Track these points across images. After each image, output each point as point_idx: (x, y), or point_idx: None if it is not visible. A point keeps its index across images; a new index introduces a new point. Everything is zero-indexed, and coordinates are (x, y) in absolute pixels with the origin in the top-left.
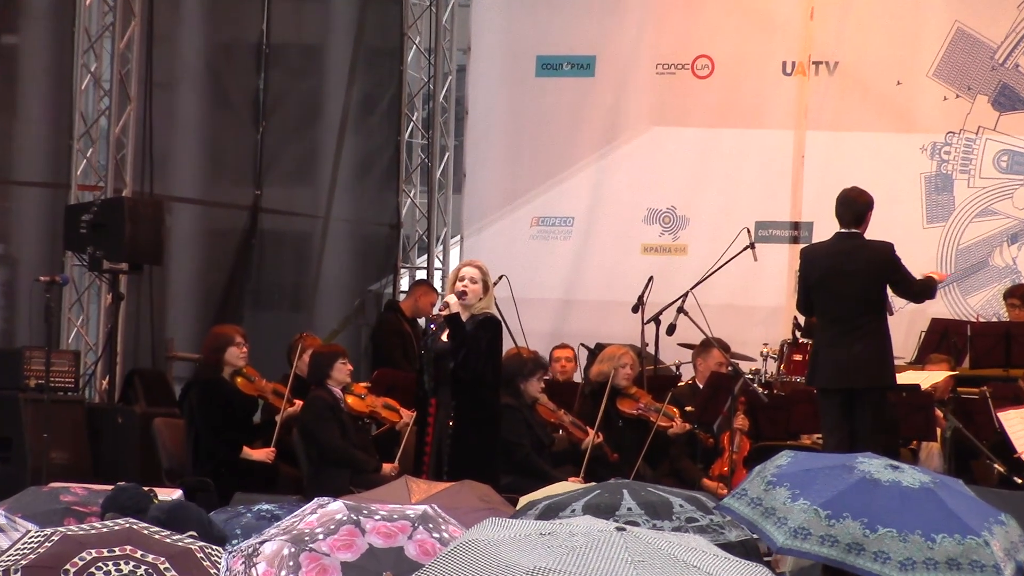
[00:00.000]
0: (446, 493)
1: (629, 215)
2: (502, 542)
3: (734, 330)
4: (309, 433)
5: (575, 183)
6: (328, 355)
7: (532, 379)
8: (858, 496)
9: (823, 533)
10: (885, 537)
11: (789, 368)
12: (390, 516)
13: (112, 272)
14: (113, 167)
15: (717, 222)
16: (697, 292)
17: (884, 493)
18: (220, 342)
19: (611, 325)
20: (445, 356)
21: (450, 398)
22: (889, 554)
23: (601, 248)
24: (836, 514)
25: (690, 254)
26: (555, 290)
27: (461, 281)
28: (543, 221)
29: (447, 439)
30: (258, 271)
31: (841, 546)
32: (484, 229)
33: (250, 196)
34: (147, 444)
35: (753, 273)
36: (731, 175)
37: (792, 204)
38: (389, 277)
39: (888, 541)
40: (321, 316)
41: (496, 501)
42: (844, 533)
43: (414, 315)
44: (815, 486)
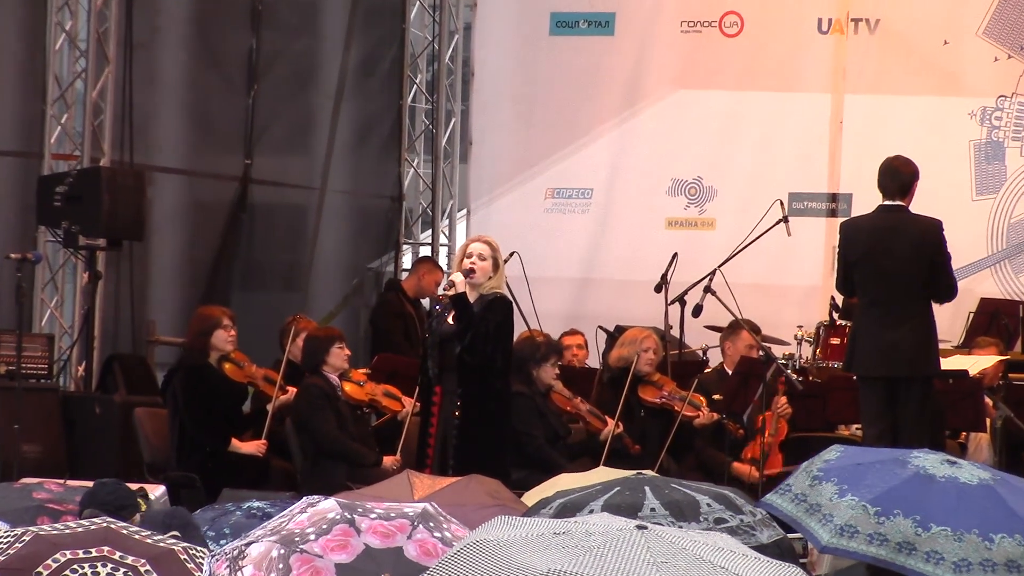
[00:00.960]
0: (451, 489)
1: (652, 186)
2: (513, 542)
3: (766, 311)
4: (303, 423)
5: (593, 152)
6: (324, 339)
7: (546, 365)
8: (911, 492)
9: (871, 531)
10: (939, 536)
11: (826, 353)
12: (387, 515)
13: (89, 249)
14: (90, 134)
15: (747, 194)
16: (726, 270)
17: (939, 489)
18: (206, 325)
19: (632, 306)
20: (451, 340)
21: (456, 386)
22: (943, 554)
23: (621, 222)
24: (886, 511)
25: (718, 229)
26: (571, 268)
27: (469, 258)
28: (558, 193)
29: (453, 430)
30: (248, 248)
31: (891, 545)
32: (494, 202)
33: (239, 166)
34: (127, 436)
35: (787, 249)
36: (762, 143)
37: (829, 174)
38: (390, 254)
39: (942, 540)
40: (316, 296)
41: (506, 497)
42: (894, 531)
43: (417, 295)
44: (865, 481)
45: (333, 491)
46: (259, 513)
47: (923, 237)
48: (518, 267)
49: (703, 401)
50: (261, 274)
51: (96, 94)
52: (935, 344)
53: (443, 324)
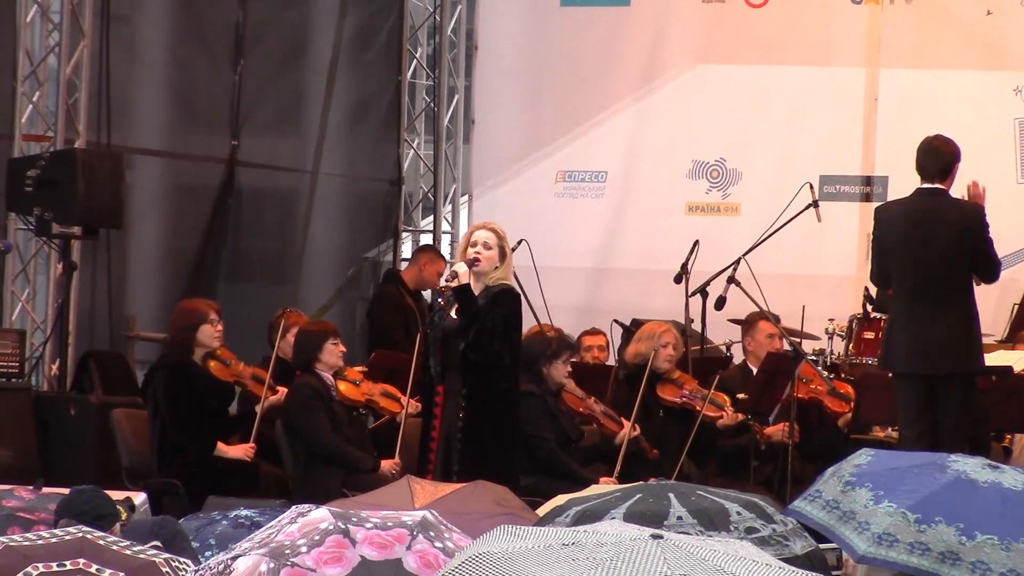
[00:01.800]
0: (455, 496)
1: (671, 169)
2: (518, 554)
3: (795, 303)
4: (294, 426)
5: (607, 132)
6: (317, 334)
7: (557, 362)
8: (953, 498)
9: (912, 540)
10: (984, 545)
11: (859, 348)
12: (384, 524)
13: (63, 237)
14: (64, 114)
15: (774, 177)
16: (751, 259)
17: (982, 495)
18: (190, 319)
19: (650, 298)
20: (454, 336)
21: (460, 385)
22: (990, 565)
23: (638, 208)
24: (927, 518)
25: (743, 214)
26: (584, 257)
27: (473, 247)
28: (570, 176)
29: (457, 433)
30: (235, 236)
31: (933, 555)
32: (500, 186)
33: (226, 147)
34: (105, 439)
35: (817, 236)
36: (791, 121)
37: (863, 155)
38: (389, 242)
39: (988, 550)
40: (309, 288)
41: (514, 505)
42: (937, 540)
43: (418, 287)
44: (903, 487)
45: (327, 498)
46: (247, 522)
47: (964, 223)
48: (526, 256)
49: (727, 400)
50: (249, 264)
51: (70, 70)
52: (977, 338)
53: (446, 318)
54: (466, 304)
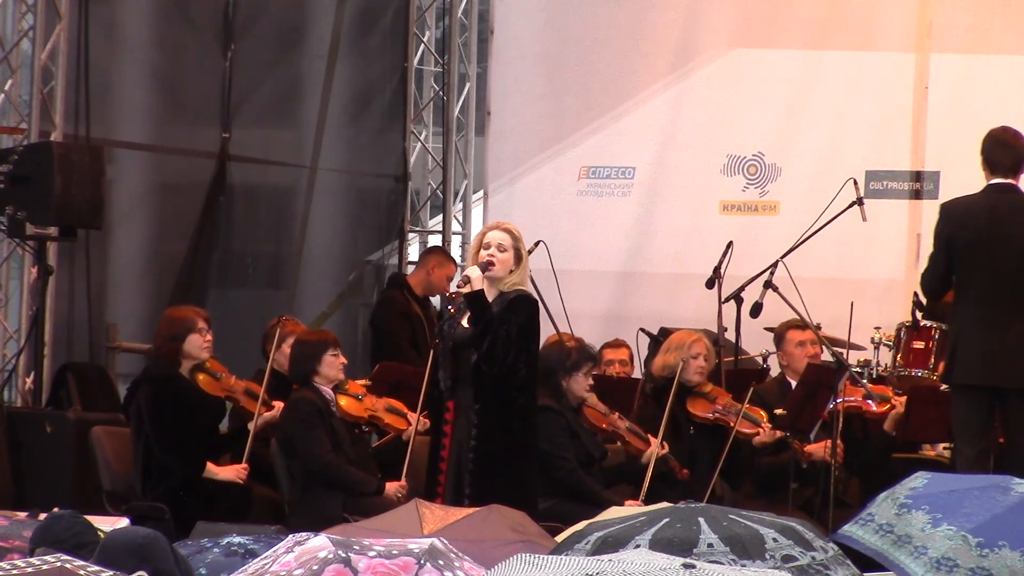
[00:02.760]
0: (468, 522)
1: (704, 164)
2: None
3: (837, 310)
4: (291, 444)
5: (635, 124)
6: (315, 345)
7: (577, 375)
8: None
9: (974, 565)
10: None
11: (908, 359)
12: (388, 552)
13: (38, 239)
14: (39, 103)
15: (817, 172)
16: (790, 262)
17: None
18: (177, 329)
19: (680, 305)
20: (466, 346)
21: (472, 400)
22: None
23: (668, 207)
24: (990, 542)
25: (782, 213)
26: (609, 261)
27: (486, 249)
28: (594, 172)
29: (469, 453)
30: (226, 237)
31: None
32: (517, 182)
33: (216, 141)
34: (83, 459)
35: (862, 237)
36: (834, 112)
37: (912, 148)
38: (394, 244)
39: None
40: (306, 294)
41: (532, 532)
42: (1000, 565)
43: (426, 293)
44: (962, 509)
45: (327, 524)
46: (240, 550)
47: None
48: (544, 259)
49: (763, 416)
50: (242, 268)
51: (46, 56)
52: None
53: (456, 327)
54: (479, 312)
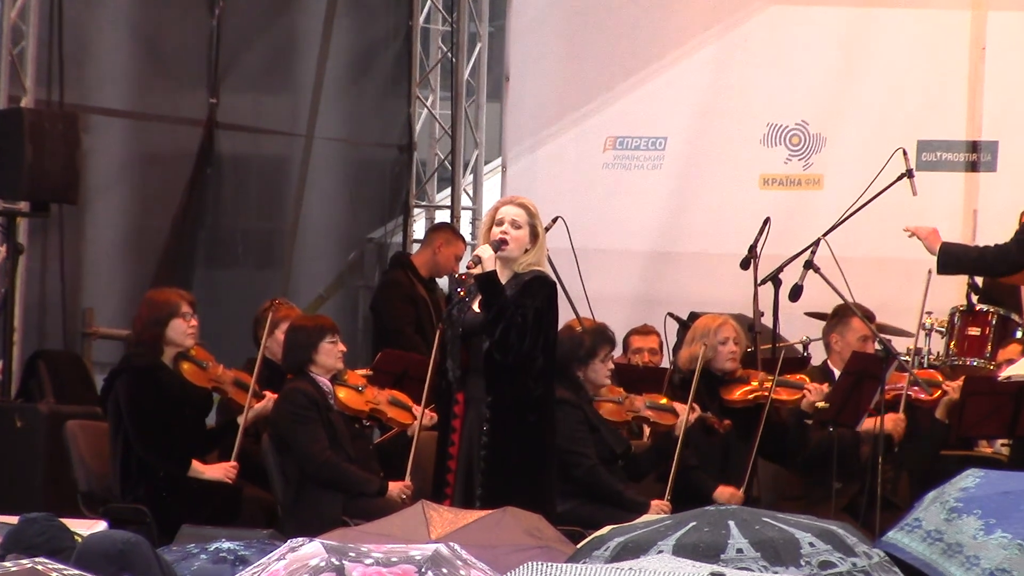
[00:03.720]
0: (479, 526)
1: (742, 134)
2: None
3: (885, 293)
4: (285, 441)
5: (666, 89)
6: (310, 331)
7: (594, 362)
8: None
9: None
10: None
11: (962, 347)
12: (387, 559)
13: (8, 215)
14: (8, 66)
15: (865, 143)
16: (834, 240)
17: None
18: (159, 313)
19: (713, 287)
20: (477, 332)
21: (484, 392)
22: None
23: (703, 181)
24: None
25: (827, 187)
26: (636, 239)
27: (499, 225)
28: (621, 143)
29: (480, 450)
30: (214, 212)
31: None
32: (536, 150)
33: (202, 107)
34: (57, 457)
35: (913, 213)
36: (884, 76)
37: (968, 116)
38: (397, 220)
39: None
40: (302, 276)
41: (550, 536)
42: None
43: (432, 274)
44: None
45: (324, 528)
46: (230, 556)
47: None
48: (563, 237)
49: (806, 378)
50: (231, 247)
51: (15, 14)
52: None
53: (467, 312)
54: (492, 295)
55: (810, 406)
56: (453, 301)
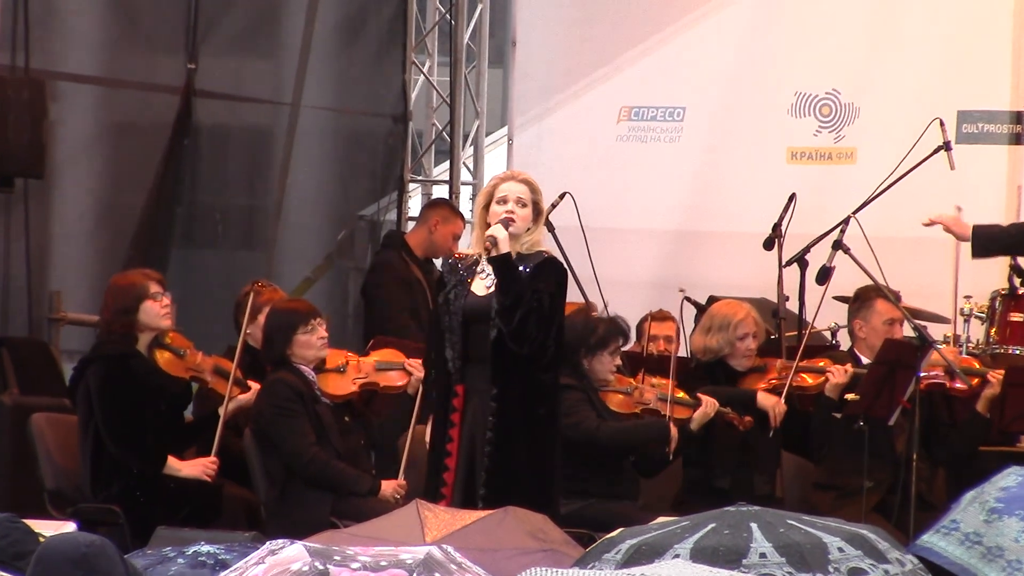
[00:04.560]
0: (478, 527)
1: (768, 104)
2: None
3: (920, 276)
4: (268, 435)
5: (685, 54)
6: (293, 315)
7: (602, 353)
8: None
9: None
10: None
11: (1004, 334)
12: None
13: None
14: None
15: (902, 113)
16: (866, 218)
17: None
18: (125, 299)
19: (734, 269)
20: (481, 319)
21: (489, 383)
22: None
23: (725, 155)
24: None
25: (859, 161)
26: (651, 217)
27: (501, 204)
28: (637, 113)
29: (485, 447)
30: (192, 187)
31: None
32: (543, 120)
33: (179, 72)
34: (21, 452)
35: (951, 189)
36: (922, 40)
37: (1013, 84)
38: (392, 196)
39: None
40: (287, 256)
41: (555, 539)
42: None
43: (428, 254)
44: None
45: (312, 530)
46: (209, 560)
47: None
48: (571, 214)
49: (828, 361)
50: (211, 225)
51: None
52: None
53: (466, 296)
54: (511, 280)
55: (835, 390)
56: (448, 284)
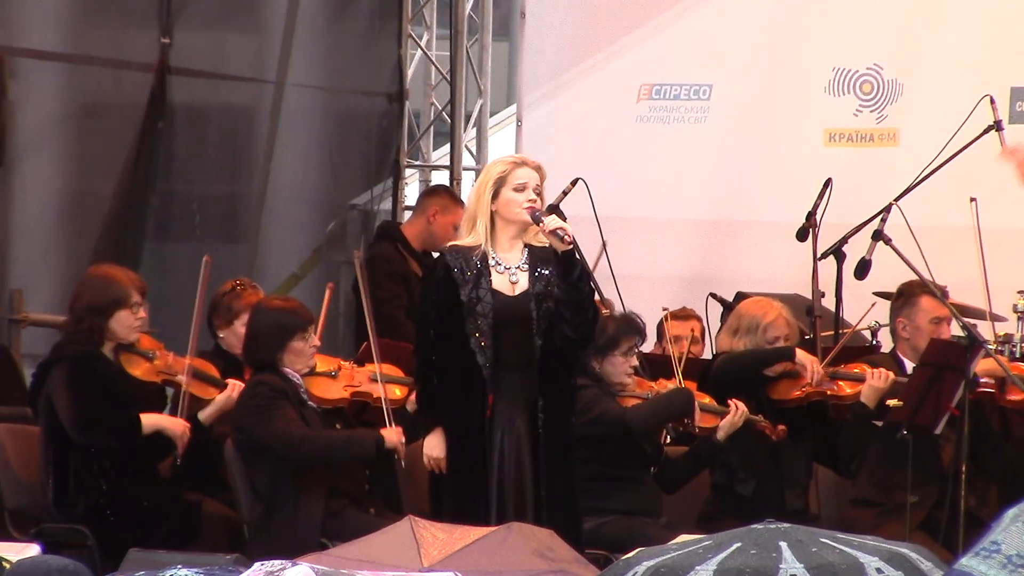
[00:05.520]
0: (481, 547)
1: (804, 81)
2: None
3: (970, 269)
4: (252, 439)
5: (712, 25)
6: (290, 319)
7: (614, 355)
8: None
9: None
10: None
11: None
12: None
13: None
14: None
15: (951, 90)
16: (909, 206)
17: None
18: (102, 299)
19: (764, 262)
20: (516, 322)
21: (528, 391)
22: None
23: (755, 137)
24: None
25: (903, 143)
26: (673, 205)
27: (520, 192)
28: (658, 91)
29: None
30: (166, 175)
31: None
32: (555, 98)
33: (153, 48)
34: None
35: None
36: (973, 11)
37: None
38: (386, 183)
39: None
40: (272, 250)
41: (564, 557)
42: None
43: (427, 247)
44: None
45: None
46: None
47: None
48: (584, 202)
49: (865, 368)
50: (187, 216)
51: None
52: None
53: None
54: (581, 278)
55: (873, 396)
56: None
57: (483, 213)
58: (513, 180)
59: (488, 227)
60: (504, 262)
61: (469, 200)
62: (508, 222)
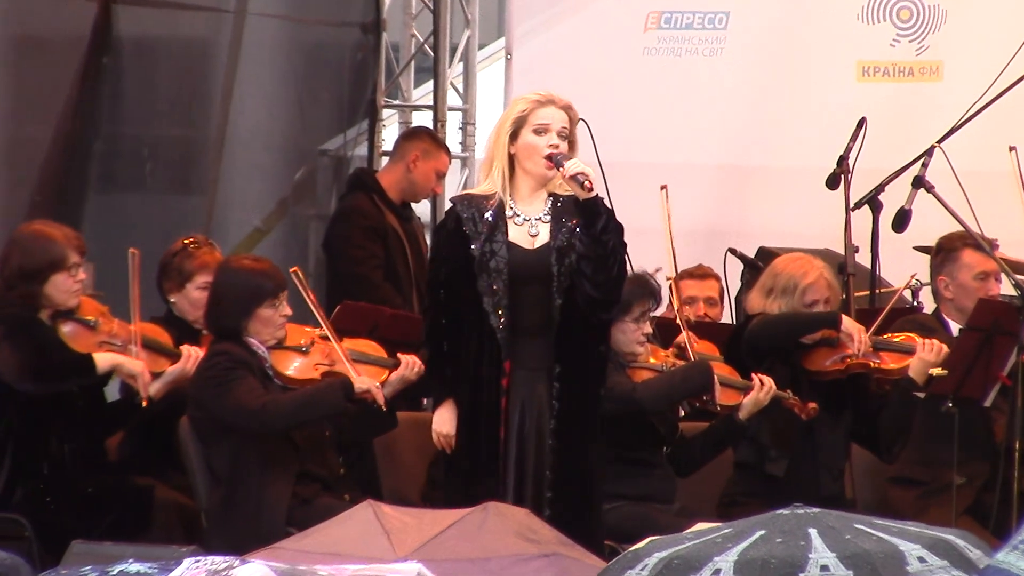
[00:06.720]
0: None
1: (834, 6)
2: None
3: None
4: (210, 411)
5: None
6: (261, 282)
7: (624, 321)
8: None
9: None
10: None
11: None
12: None
13: None
14: None
15: (1000, 18)
16: (953, 149)
17: None
18: (35, 262)
19: (790, 213)
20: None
21: (551, 359)
22: None
23: (778, 70)
24: None
25: (946, 78)
26: (686, 149)
27: (543, 133)
28: (668, 20)
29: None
30: (112, 117)
31: None
32: (551, 28)
33: None
34: None
35: None
36: None
37: None
38: (361, 126)
39: None
40: (232, 202)
41: (548, 538)
42: None
43: (407, 197)
44: None
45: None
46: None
47: None
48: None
49: (914, 337)
50: (136, 163)
51: None
52: None
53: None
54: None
55: (923, 371)
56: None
57: (500, 156)
58: (534, 120)
59: (506, 172)
60: (523, 212)
61: (488, 141)
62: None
